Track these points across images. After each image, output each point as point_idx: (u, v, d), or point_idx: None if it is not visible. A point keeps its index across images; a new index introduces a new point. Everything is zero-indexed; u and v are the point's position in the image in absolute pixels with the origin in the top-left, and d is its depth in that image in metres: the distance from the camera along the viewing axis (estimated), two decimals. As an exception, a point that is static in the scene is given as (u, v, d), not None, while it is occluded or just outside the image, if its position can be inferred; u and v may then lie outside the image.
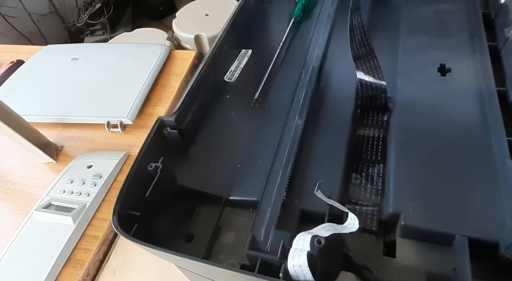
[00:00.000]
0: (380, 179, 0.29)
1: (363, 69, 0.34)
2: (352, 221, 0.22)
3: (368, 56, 0.32)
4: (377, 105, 0.34)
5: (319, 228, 0.22)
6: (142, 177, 0.27)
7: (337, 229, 0.21)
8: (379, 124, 0.33)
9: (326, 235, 0.21)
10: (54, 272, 0.51)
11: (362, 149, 0.31)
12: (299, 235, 0.21)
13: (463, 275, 0.21)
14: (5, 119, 0.59)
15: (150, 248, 0.22)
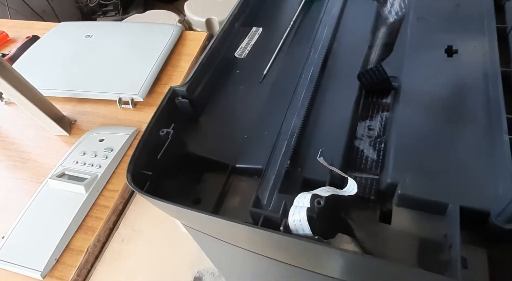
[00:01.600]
0: (380, 152, 0.30)
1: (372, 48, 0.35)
2: (352, 186, 0.23)
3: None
4: (382, 87, 0.34)
5: (319, 189, 0.23)
6: (154, 141, 0.29)
7: (336, 192, 0.23)
8: (383, 102, 0.33)
9: (326, 195, 0.22)
10: (67, 237, 0.54)
11: (365, 124, 0.33)
12: (300, 195, 0.22)
13: (452, 240, 0.22)
14: (23, 90, 0.62)
15: (161, 203, 0.23)
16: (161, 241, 0.54)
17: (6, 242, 0.54)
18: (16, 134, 0.72)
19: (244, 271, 0.34)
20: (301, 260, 0.24)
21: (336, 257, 0.21)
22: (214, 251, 0.34)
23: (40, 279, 0.51)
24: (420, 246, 0.25)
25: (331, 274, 0.24)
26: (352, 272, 0.23)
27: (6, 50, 0.90)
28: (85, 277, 0.52)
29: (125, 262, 0.53)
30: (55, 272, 0.52)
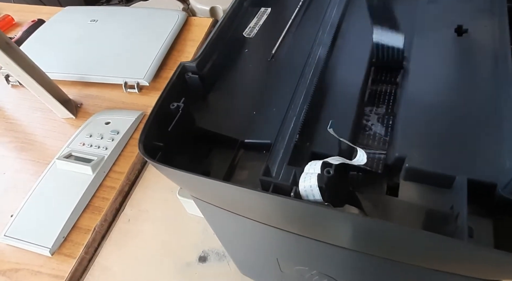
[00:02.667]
0: (388, 128, 0.30)
1: (381, 28, 0.35)
2: (361, 156, 0.24)
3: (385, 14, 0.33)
4: (392, 64, 0.34)
5: (330, 158, 0.23)
6: (164, 114, 0.29)
7: (346, 161, 0.23)
8: (392, 80, 0.34)
9: (336, 163, 0.23)
10: (74, 216, 0.55)
11: (374, 101, 0.33)
12: (311, 162, 0.23)
13: (459, 210, 0.22)
14: (30, 72, 0.62)
15: (173, 171, 0.24)
16: (167, 222, 0.55)
17: (15, 220, 0.55)
18: (23, 116, 0.73)
19: (251, 245, 0.35)
20: (309, 229, 0.25)
21: (346, 223, 0.21)
22: (221, 225, 0.34)
23: (48, 256, 0.52)
24: (426, 218, 0.25)
25: (340, 243, 0.25)
26: (361, 240, 0.23)
27: (11, 34, 0.90)
28: (92, 255, 0.53)
29: (131, 241, 0.54)
30: (63, 250, 0.53)
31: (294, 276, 0.36)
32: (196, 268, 0.50)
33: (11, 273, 0.51)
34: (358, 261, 0.26)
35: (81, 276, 0.51)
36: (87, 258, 0.52)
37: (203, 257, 0.51)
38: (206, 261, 0.51)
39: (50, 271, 0.51)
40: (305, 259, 0.31)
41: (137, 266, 0.51)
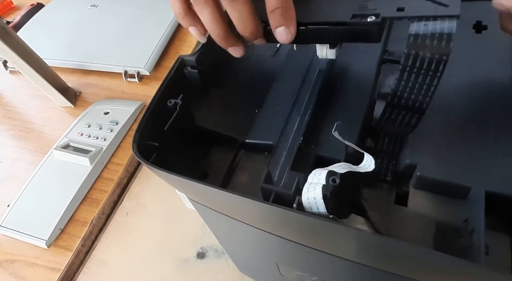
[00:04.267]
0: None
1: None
2: (368, 162, 0.22)
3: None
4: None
5: (335, 166, 0.22)
6: (161, 112, 0.27)
7: (353, 168, 0.22)
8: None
9: (342, 172, 0.21)
10: (71, 207, 0.54)
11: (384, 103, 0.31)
12: (315, 171, 0.21)
13: (475, 225, 0.21)
14: (27, 58, 0.60)
15: (167, 175, 0.22)
16: (165, 216, 0.54)
17: (11, 210, 0.54)
18: (21, 103, 0.71)
19: (250, 248, 0.34)
20: (312, 240, 0.24)
21: (351, 238, 0.19)
22: (219, 227, 0.33)
23: (45, 248, 0.51)
24: (437, 230, 0.24)
25: (343, 255, 0.23)
26: (366, 255, 0.22)
27: (10, 18, 0.88)
28: (89, 248, 0.52)
29: (129, 235, 0.53)
30: (59, 242, 0.52)
31: (294, 280, 0.35)
32: (194, 264, 0.49)
33: (7, 264, 0.51)
34: (362, 273, 0.25)
35: (77, 269, 0.50)
36: (84, 251, 0.51)
37: (201, 254, 0.50)
38: (204, 257, 0.50)
39: (46, 263, 0.50)
40: (305, 266, 0.30)
41: (135, 261, 0.51)
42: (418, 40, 0.20)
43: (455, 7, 0.21)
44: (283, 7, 0.22)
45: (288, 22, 0.23)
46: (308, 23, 0.24)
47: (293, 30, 0.23)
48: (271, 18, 0.23)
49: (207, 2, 0.23)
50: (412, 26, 0.21)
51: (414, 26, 0.21)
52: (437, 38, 0.20)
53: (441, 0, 0.21)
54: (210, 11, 0.23)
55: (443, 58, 0.20)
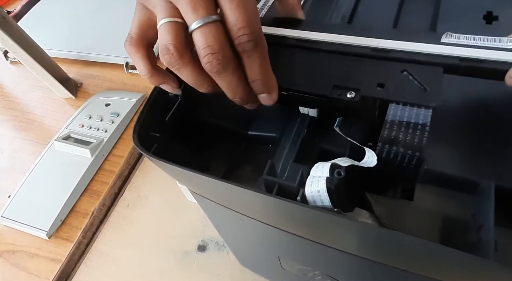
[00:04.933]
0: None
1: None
2: (370, 157, 0.21)
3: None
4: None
5: (337, 160, 0.21)
6: (162, 102, 0.27)
7: (355, 163, 0.21)
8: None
9: (345, 165, 0.20)
10: (72, 199, 0.54)
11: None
12: (317, 164, 0.21)
13: (483, 220, 0.20)
14: (28, 49, 0.60)
15: (168, 166, 0.22)
16: (166, 208, 0.54)
17: (12, 201, 0.54)
18: (22, 94, 0.71)
19: (251, 242, 0.34)
20: (315, 233, 0.23)
21: (356, 231, 0.19)
22: (221, 220, 0.33)
23: (45, 239, 0.51)
24: (444, 225, 0.23)
25: (346, 249, 0.23)
26: (371, 249, 0.21)
27: (11, 8, 0.87)
28: (90, 239, 0.52)
29: (130, 227, 0.53)
30: (60, 233, 0.52)
31: (296, 274, 0.35)
32: (195, 257, 0.49)
33: (8, 255, 0.51)
34: (365, 267, 0.25)
35: (78, 260, 0.50)
36: (84, 242, 0.51)
37: (202, 246, 0.50)
38: (205, 250, 0.49)
39: (47, 254, 0.50)
40: (308, 260, 0.29)
41: (135, 253, 0.50)
42: (393, 129, 0.21)
43: (435, 95, 0.21)
44: (263, 78, 0.23)
45: (269, 90, 0.23)
46: (290, 89, 0.24)
47: (275, 96, 0.24)
48: (253, 86, 0.23)
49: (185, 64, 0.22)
50: (391, 108, 0.21)
51: (392, 108, 0.21)
52: (412, 128, 0.21)
53: (421, 81, 0.22)
54: (190, 72, 0.22)
55: (416, 155, 0.21)
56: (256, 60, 0.22)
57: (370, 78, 0.23)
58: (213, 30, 0.20)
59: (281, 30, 0.27)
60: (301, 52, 0.26)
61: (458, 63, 0.23)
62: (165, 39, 0.21)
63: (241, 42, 0.21)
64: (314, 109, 0.26)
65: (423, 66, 0.23)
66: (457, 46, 0.23)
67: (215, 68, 0.21)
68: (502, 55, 0.22)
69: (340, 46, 0.25)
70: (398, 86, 0.22)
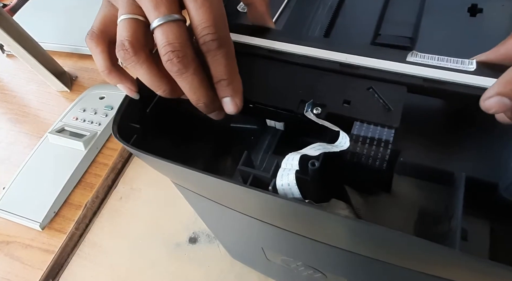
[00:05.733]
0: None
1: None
2: (343, 139, 0.21)
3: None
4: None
5: (308, 148, 0.21)
6: (144, 93, 0.27)
7: (327, 148, 0.21)
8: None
9: (316, 154, 0.21)
10: (66, 191, 0.54)
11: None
12: (288, 156, 0.21)
13: (454, 210, 0.20)
14: (22, 42, 0.60)
15: (147, 157, 0.22)
16: (159, 201, 0.55)
17: (6, 193, 0.55)
18: (18, 87, 0.71)
19: (234, 232, 0.34)
20: (292, 224, 0.23)
21: (327, 222, 0.19)
22: (202, 211, 0.33)
23: (39, 230, 0.52)
24: (419, 216, 0.23)
25: (322, 240, 0.23)
26: (344, 239, 0.22)
27: (7, 1, 0.87)
28: (83, 231, 0.53)
29: (123, 219, 0.54)
30: (54, 225, 0.52)
31: (280, 265, 0.35)
32: (186, 249, 0.50)
33: (2, 245, 0.52)
34: (342, 257, 0.25)
35: (71, 252, 0.51)
36: (77, 234, 0.52)
37: (193, 238, 0.50)
38: (196, 242, 0.50)
39: (40, 245, 0.51)
40: (289, 251, 0.30)
41: (127, 244, 0.51)
42: (359, 142, 0.22)
43: (396, 116, 0.22)
44: (229, 79, 0.22)
45: (233, 93, 0.22)
46: (256, 102, 0.24)
47: (239, 102, 0.23)
48: (217, 88, 0.22)
49: (140, 62, 0.21)
50: (355, 125, 0.22)
51: (357, 126, 0.22)
52: (375, 144, 0.21)
53: (385, 100, 0.22)
54: (146, 71, 0.21)
55: (382, 166, 0.21)
56: (221, 60, 0.21)
57: (337, 94, 0.23)
58: (175, 29, 0.20)
59: (250, 39, 0.26)
60: (269, 63, 0.25)
61: (421, 83, 0.23)
62: (121, 35, 0.21)
63: (206, 41, 0.20)
64: (281, 123, 0.26)
65: (388, 84, 0.23)
66: (421, 65, 0.23)
67: (176, 67, 0.20)
68: (463, 77, 0.22)
69: (309, 60, 0.25)
70: (364, 104, 0.22)
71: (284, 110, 0.23)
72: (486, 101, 0.19)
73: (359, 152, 0.21)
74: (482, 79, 0.22)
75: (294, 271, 0.35)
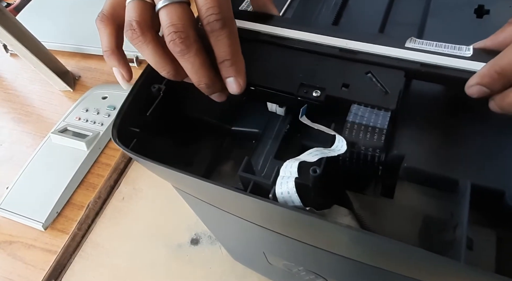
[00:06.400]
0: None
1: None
2: (340, 142, 0.21)
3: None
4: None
5: (306, 154, 0.21)
6: (144, 97, 0.27)
7: (324, 153, 0.21)
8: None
9: (314, 160, 0.20)
10: (68, 191, 0.54)
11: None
12: (286, 163, 0.21)
13: (459, 218, 0.20)
14: (25, 42, 0.60)
15: (147, 162, 0.22)
16: (161, 202, 0.55)
17: (10, 192, 0.55)
18: (21, 87, 0.71)
19: (236, 237, 0.34)
20: (292, 230, 0.23)
21: (328, 230, 0.19)
22: (204, 215, 0.33)
23: (42, 230, 0.52)
24: (423, 224, 0.23)
25: (323, 246, 0.23)
26: (345, 247, 0.21)
27: (11, 0, 0.87)
28: (85, 231, 0.53)
29: (125, 219, 0.54)
30: (56, 225, 0.53)
31: (282, 269, 0.35)
32: (188, 250, 0.50)
33: (5, 245, 0.52)
34: (344, 264, 0.25)
35: (73, 252, 0.51)
36: (80, 234, 0.52)
37: (195, 240, 0.50)
38: (198, 243, 0.50)
39: (43, 245, 0.51)
40: (290, 256, 0.29)
41: (129, 245, 0.51)
42: (353, 129, 0.22)
43: (393, 98, 0.22)
44: (232, 59, 0.22)
45: (237, 73, 0.23)
46: (258, 85, 0.25)
47: (242, 82, 0.23)
48: (221, 68, 0.23)
49: (146, 42, 0.22)
50: (352, 108, 0.22)
51: (354, 108, 0.22)
52: (370, 132, 0.21)
53: (383, 84, 0.23)
54: (151, 51, 0.22)
55: (376, 152, 0.21)
56: (225, 40, 0.22)
57: (336, 78, 0.24)
58: (178, 10, 0.21)
59: (254, 25, 0.27)
60: (271, 49, 0.26)
61: (418, 68, 0.23)
62: (129, 16, 0.22)
63: (210, 21, 0.21)
64: (281, 108, 0.26)
65: (386, 69, 0.23)
66: (419, 51, 0.23)
67: (178, 47, 0.21)
68: (460, 62, 0.22)
69: (310, 45, 0.25)
70: (362, 88, 0.23)
71: (284, 93, 0.24)
72: (469, 89, 0.21)
73: (354, 140, 0.22)
74: (478, 64, 0.22)
75: (295, 275, 0.34)
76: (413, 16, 0.31)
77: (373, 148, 0.21)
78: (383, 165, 0.25)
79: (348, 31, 0.25)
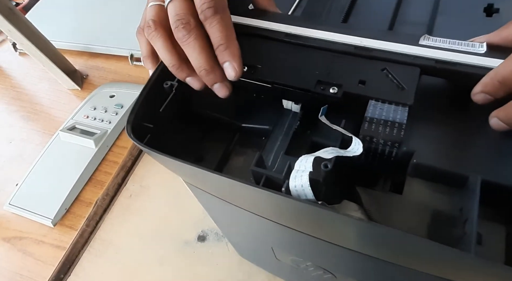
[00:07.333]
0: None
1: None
2: (356, 145, 0.21)
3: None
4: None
5: (322, 151, 0.21)
6: (157, 93, 0.27)
7: (340, 153, 0.21)
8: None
9: (329, 157, 0.21)
10: (77, 188, 0.55)
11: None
12: (302, 158, 0.21)
13: (469, 214, 0.20)
14: (35, 41, 0.61)
15: (161, 156, 0.22)
16: (168, 199, 0.55)
17: (19, 189, 0.56)
18: (30, 85, 0.72)
19: (244, 232, 0.34)
20: (303, 225, 0.23)
21: (340, 223, 0.19)
22: (214, 210, 0.33)
23: (51, 226, 0.53)
24: (432, 219, 0.23)
25: (334, 241, 0.23)
26: (356, 241, 0.22)
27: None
28: (93, 228, 0.53)
29: (132, 216, 0.54)
30: (65, 221, 0.53)
31: (290, 265, 0.35)
32: (195, 247, 0.50)
33: (15, 241, 0.53)
34: (353, 258, 0.25)
35: (82, 248, 0.52)
36: (88, 230, 0.53)
37: (202, 237, 0.51)
38: (205, 240, 0.50)
39: (52, 241, 0.52)
40: (299, 251, 0.30)
41: (137, 241, 0.52)
42: (373, 123, 0.22)
43: (410, 94, 0.23)
44: (226, 43, 0.24)
45: (231, 58, 0.24)
46: (275, 82, 0.25)
47: (237, 66, 0.24)
48: (217, 55, 0.24)
49: (158, 36, 0.25)
50: (370, 104, 0.23)
51: (372, 105, 0.23)
52: (389, 126, 0.22)
53: (399, 80, 0.23)
54: (161, 43, 0.25)
55: (395, 146, 0.22)
56: (217, 26, 0.24)
57: (352, 75, 0.24)
58: (182, 3, 0.24)
59: (269, 24, 0.28)
60: (288, 47, 0.27)
61: (433, 64, 0.24)
62: (147, 17, 0.25)
63: (203, 10, 0.23)
64: (297, 105, 0.27)
65: (402, 65, 0.24)
66: (433, 48, 0.24)
67: (180, 33, 0.23)
68: (474, 59, 0.23)
69: (325, 43, 0.26)
70: (378, 84, 0.23)
71: (302, 89, 0.24)
72: (474, 96, 0.22)
73: (373, 134, 0.22)
74: (492, 60, 0.22)
75: (303, 271, 0.35)
76: (422, 15, 0.32)
77: (392, 142, 0.22)
78: (394, 161, 0.25)
79: (362, 29, 0.26)
